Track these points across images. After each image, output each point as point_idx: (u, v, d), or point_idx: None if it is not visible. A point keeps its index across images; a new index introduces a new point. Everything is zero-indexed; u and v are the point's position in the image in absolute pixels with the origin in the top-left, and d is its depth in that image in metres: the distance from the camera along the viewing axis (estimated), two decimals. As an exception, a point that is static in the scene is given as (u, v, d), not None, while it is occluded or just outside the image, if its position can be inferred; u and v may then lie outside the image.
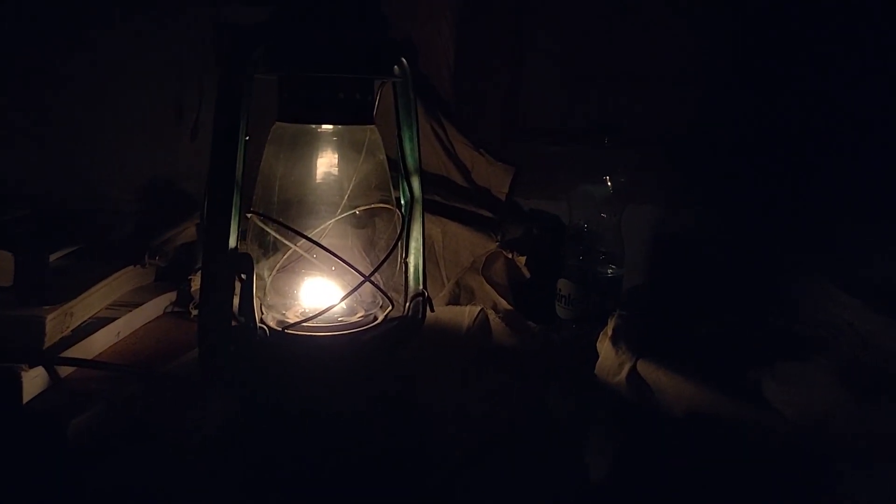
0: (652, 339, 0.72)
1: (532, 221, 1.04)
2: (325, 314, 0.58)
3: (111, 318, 0.75)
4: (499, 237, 0.95)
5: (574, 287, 0.86)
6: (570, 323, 0.86)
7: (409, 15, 1.09)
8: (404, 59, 0.60)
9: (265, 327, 0.56)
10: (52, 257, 0.78)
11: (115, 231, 0.93)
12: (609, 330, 0.72)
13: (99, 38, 1.08)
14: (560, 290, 0.87)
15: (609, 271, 0.88)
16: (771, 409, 0.65)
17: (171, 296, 0.87)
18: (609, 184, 0.87)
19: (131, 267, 0.84)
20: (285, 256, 0.62)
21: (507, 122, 1.15)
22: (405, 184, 0.64)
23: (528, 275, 0.94)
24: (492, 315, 0.82)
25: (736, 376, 0.69)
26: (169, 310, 0.86)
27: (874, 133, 0.94)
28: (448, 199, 1.01)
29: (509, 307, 0.87)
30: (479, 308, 0.82)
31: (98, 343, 0.72)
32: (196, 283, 0.85)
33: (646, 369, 0.68)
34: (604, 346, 0.72)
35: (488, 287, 0.89)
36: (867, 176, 0.93)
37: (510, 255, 0.93)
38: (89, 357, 0.69)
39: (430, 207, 1.00)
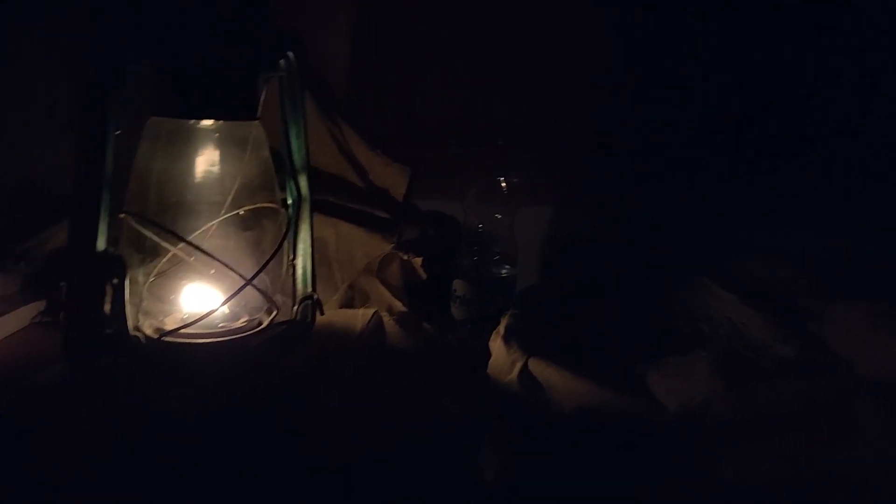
0: (543, 337, 0.73)
1: (429, 222, 1.04)
2: (206, 320, 0.56)
3: (-29, 330, 0.69)
4: (394, 238, 0.94)
5: (469, 287, 0.86)
6: (465, 323, 0.86)
7: (304, 11, 1.07)
8: (290, 54, 0.58)
9: (140, 335, 0.53)
10: None
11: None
12: (501, 329, 0.73)
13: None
14: (455, 290, 0.87)
15: (503, 271, 0.88)
16: (655, 402, 0.67)
17: (40, 304, 0.81)
18: (503, 185, 0.88)
19: (-7, 274, 0.78)
20: (164, 260, 0.59)
21: (405, 122, 1.14)
22: (292, 183, 0.62)
23: (424, 276, 0.93)
24: (386, 317, 0.81)
25: (623, 371, 0.71)
26: (37, 319, 0.80)
27: (755, 138, 0.98)
28: (343, 200, 1.00)
29: (404, 309, 0.86)
30: (372, 310, 0.80)
31: (-45, 357, 0.66)
32: (69, 289, 0.80)
33: (537, 367, 0.69)
34: (496, 346, 0.72)
35: (383, 289, 0.87)
36: (747, 179, 0.98)
37: (406, 257, 0.92)
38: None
39: (323, 208, 0.99)
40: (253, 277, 0.55)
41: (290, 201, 0.63)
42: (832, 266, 0.93)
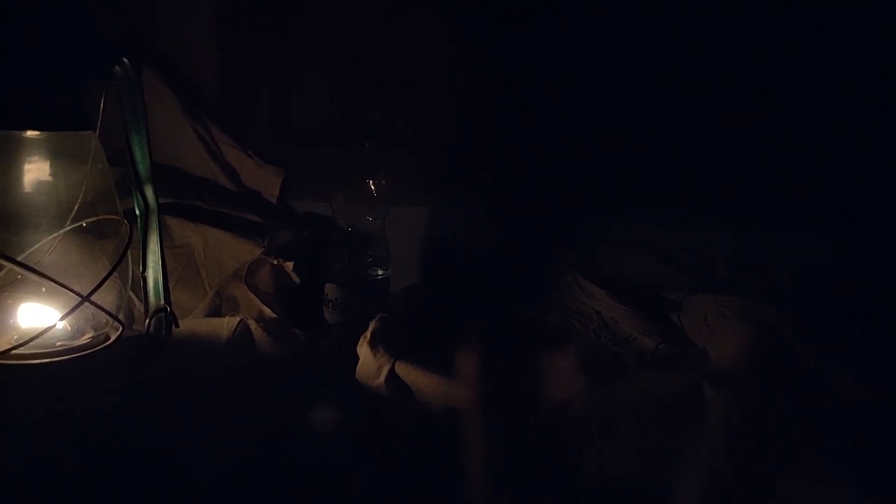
0: (411, 340, 0.73)
1: (304, 225, 1.02)
2: (43, 339, 0.53)
3: None
4: (265, 243, 0.92)
5: (341, 291, 0.85)
6: (339, 328, 0.86)
7: (164, 12, 1.04)
8: (126, 60, 0.55)
9: (-36, 358, 0.49)
10: None
11: None
12: (368, 333, 0.72)
13: None
14: (327, 294, 0.86)
15: (379, 273, 0.88)
16: (524, 399, 0.68)
17: None
18: (373, 186, 0.87)
19: None
20: (-2, 277, 0.55)
21: (277, 123, 1.12)
22: (138, 194, 0.59)
23: (297, 280, 0.91)
24: (253, 325, 0.78)
25: (491, 370, 0.73)
26: None
27: (624, 134, 1.02)
28: (212, 205, 0.97)
29: (274, 315, 0.84)
30: (238, 318, 0.78)
31: None
32: None
33: (404, 370, 0.69)
34: (363, 350, 0.72)
35: (252, 296, 0.85)
36: (616, 175, 1.01)
37: (276, 261, 0.90)
38: None
39: (191, 214, 0.95)
40: (91, 294, 0.52)
41: (137, 212, 0.60)
42: (698, 260, 0.98)
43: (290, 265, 0.90)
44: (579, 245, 0.98)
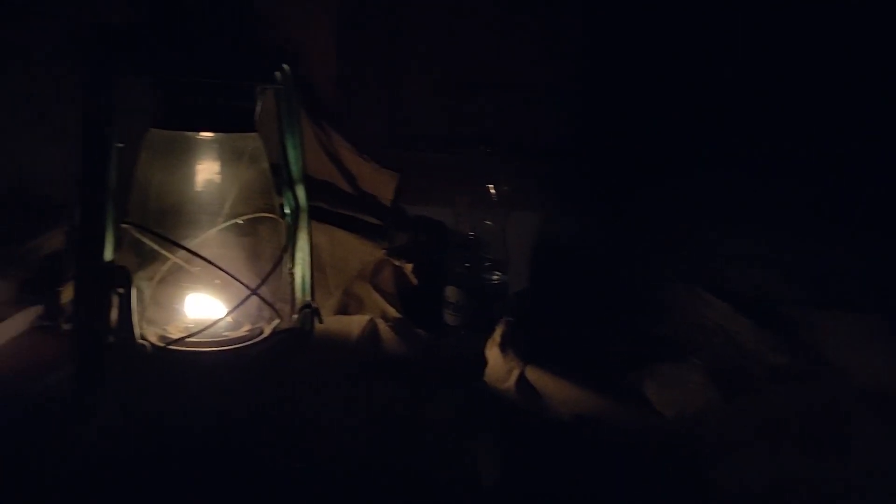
0: (538, 344, 0.73)
1: (417, 228, 1.04)
2: (211, 329, 0.56)
3: (-31, 336, 0.69)
4: (386, 244, 0.95)
5: (461, 294, 0.86)
6: (457, 329, 0.87)
7: (288, 18, 1.07)
8: (286, 66, 0.58)
9: (146, 343, 0.53)
10: None
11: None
12: (497, 337, 0.73)
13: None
14: (447, 297, 0.88)
15: (495, 278, 0.89)
16: (652, 410, 0.68)
17: (37, 309, 0.81)
18: (493, 191, 0.88)
19: (-8, 279, 0.77)
20: (165, 268, 0.59)
21: (391, 128, 1.15)
22: (290, 193, 0.62)
23: (415, 282, 0.94)
24: (381, 324, 0.81)
25: (618, 379, 0.73)
26: (35, 324, 0.80)
27: (741, 144, 1.00)
28: (334, 206, 1.00)
29: (398, 315, 0.86)
30: (367, 318, 0.81)
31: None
32: (66, 294, 0.79)
33: (534, 375, 0.70)
34: (492, 353, 0.73)
35: (377, 295, 0.88)
36: (736, 186, 0.99)
37: (398, 263, 0.92)
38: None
39: (315, 215, 0.99)
40: (258, 287, 0.55)
41: (287, 211, 0.63)
42: (822, 276, 0.95)
43: (409, 267, 0.93)
44: (700, 256, 0.97)
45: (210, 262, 0.53)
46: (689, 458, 0.64)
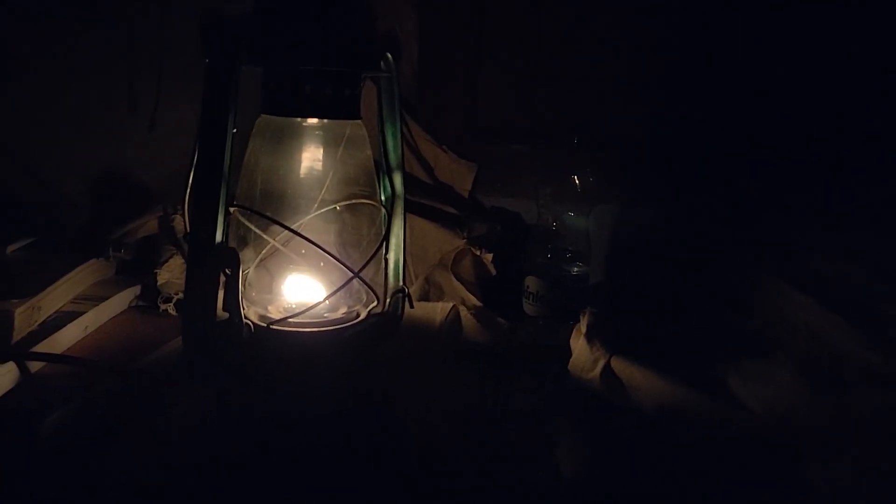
0: (623, 336, 0.73)
1: (495, 219, 1.05)
2: (312, 310, 0.57)
3: (78, 313, 0.73)
4: (465, 234, 0.96)
5: (542, 284, 0.87)
6: (537, 319, 0.87)
7: (374, 5, 1.09)
8: (389, 55, 0.60)
9: (250, 323, 0.55)
10: (9, 249, 0.75)
11: (72, 225, 0.90)
12: (583, 327, 0.74)
13: (49, 27, 1.03)
14: (528, 287, 0.88)
15: (575, 269, 0.89)
16: (739, 405, 0.67)
17: (136, 289, 0.85)
18: (577, 182, 0.88)
19: (94, 260, 0.81)
20: (266, 251, 0.61)
21: (469, 121, 1.16)
22: (387, 180, 0.63)
23: (494, 272, 0.94)
24: (463, 311, 0.82)
25: (703, 373, 0.72)
26: (134, 304, 0.84)
27: (823, 136, 0.97)
28: (413, 195, 1.01)
29: (478, 303, 0.87)
30: (451, 304, 0.82)
31: (66, 338, 0.69)
32: (162, 276, 0.83)
33: (619, 366, 0.70)
34: (578, 344, 0.73)
35: (457, 283, 0.89)
36: (817, 177, 0.97)
37: (477, 252, 0.93)
38: (58, 352, 0.67)
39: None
40: (360, 270, 0.57)
41: (383, 198, 0.64)
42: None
43: (489, 257, 0.94)
44: (780, 250, 0.95)
45: (317, 246, 0.55)
46: (777, 456, 0.63)
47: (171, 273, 0.83)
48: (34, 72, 1.04)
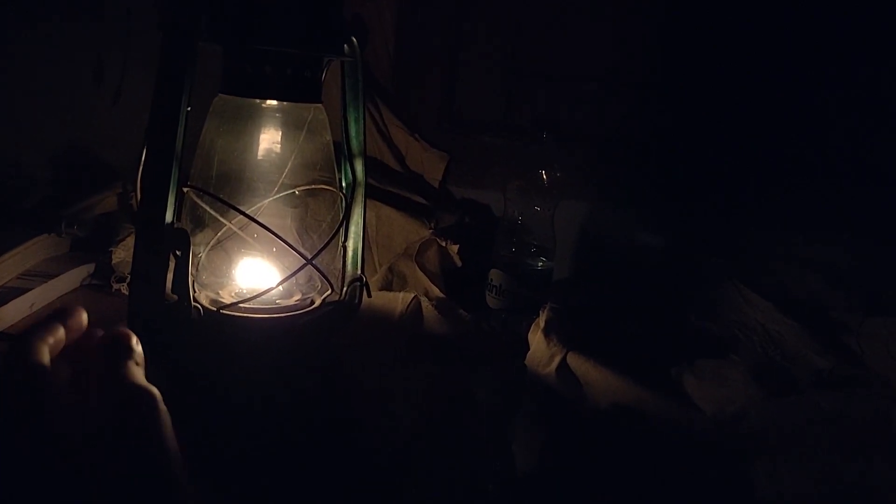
0: (581, 332, 0.73)
1: (464, 211, 1.05)
2: (264, 296, 0.57)
3: (25, 289, 0.71)
4: (432, 224, 0.95)
5: (506, 278, 0.87)
6: (499, 313, 0.87)
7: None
8: (354, 39, 0.59)
9: (199, 306, 0.54)
10: (-42, 221, 0.73)
11: (28, 198, 0.87)
12: (541, 322, 0.74)
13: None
14: (491, 279, 0.88)
15: (539, 264, 0.89)
16: (691, 405, 0.68)
17: (89, 267, 0.83)
18: (545, 177, 0.88)
19: (46, 235, 0.79)
20: (220, 233, 0.60)
21: (445, 111, 1.15)
22: (348, 166, 0.63)
23: (459, 263, 0.94)
24: (424, 302, 0.82)
25: (659, 372, 0.72)
26: (86, 282, 0.82)
27: (790, 149, 0.98)
28: (382, 183, 1.01)
29: (441, 294, 0.87)
30: (412, 295, 0.81)
31: (9, 314, 0.68)
32: (118, 255, 0.81)
33: (575, 362, 0.70)
34: (535, 338, 0.73)
35: (421, 274, 0.88)
36: (785, 189, 0.97)
37: (443, 243, 0.93)
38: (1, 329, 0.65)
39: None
40: (314, 257, 0.56)
41: (344, 184, 0.63)
42: (865, 280, 0.93)
43: (455, 248, 0.93)
44: (741, 255, 0.96)
45: (269, 230, 0.54)
46: (726, 456, 0.64)
47: (128, 252, 0.81)
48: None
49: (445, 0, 1.09)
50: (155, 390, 0.33)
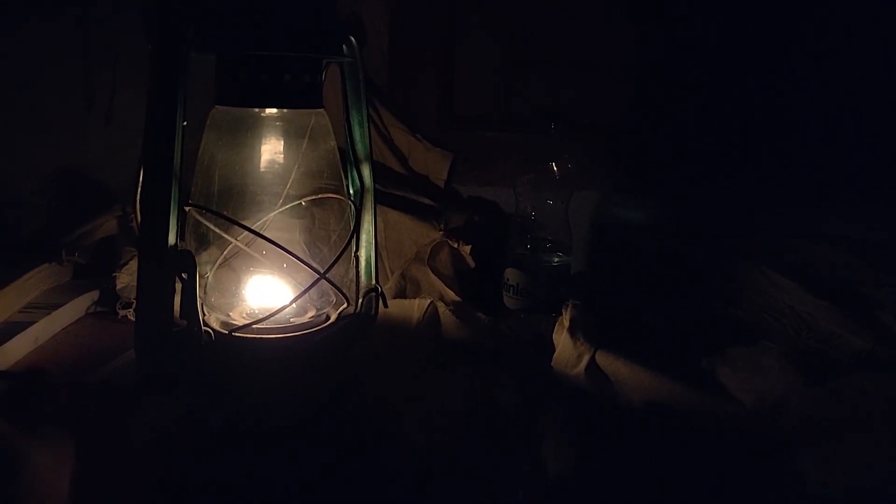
0: (607, 329, 0.70)
1: (472, 209, 1.02)
2: (276, 315, 0.54)
3: (27, 323, 0.68)
4: (442, 226, 0.93)
5: (522, 276, 0.84)
6: (518, 313, 0.84)
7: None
8: (352, 39, 0.56)
9: (210, 330, 0.51)
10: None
11: (25, 227, 0.85)
12: (566, 321, 0.71)
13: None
14: (507, 279, 0.85)
15: (556, 259, 0.86)
16: (728, 397, 0.65)
17: (93, 295, 0.80)
18: (556, 170, 0.85)
19: (46, 264, 0.77)
20: (226, 252, 0.57)
21: (444, 108, 1.12)
22: (355, 173, 0.60)
23: (473, 264, 0.91)
24: (441, 307, 0.79)
25: (690, 364, 0.69)
26: (91, 310, 0.79)
27: (806, 124, 0.95)
28: (386, 187, 0.98)
29: (457, 298, 0.84)
30: (428, 301, 0.78)
31: (14, 351, 0.65)
32: (122, 280, 0.79)
33: (605, 360, 0.67)
34: (561, 338, 0.70)
35: (434, 278, 0.86)
36: (802, 165, 0.95)
37: (455, 245, 0.90)
38: (3, 367, 0.62)
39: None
40: (327, 270, 0.53)
41: (352, 191, 0.61)
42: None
43: (467, 249, 0.90)
44: (762, 235, 0.93)
45: (278, 245, 0.51)
46: (770, 448, 0.61)
47: (132, 276, 0.78)
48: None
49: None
50: None
